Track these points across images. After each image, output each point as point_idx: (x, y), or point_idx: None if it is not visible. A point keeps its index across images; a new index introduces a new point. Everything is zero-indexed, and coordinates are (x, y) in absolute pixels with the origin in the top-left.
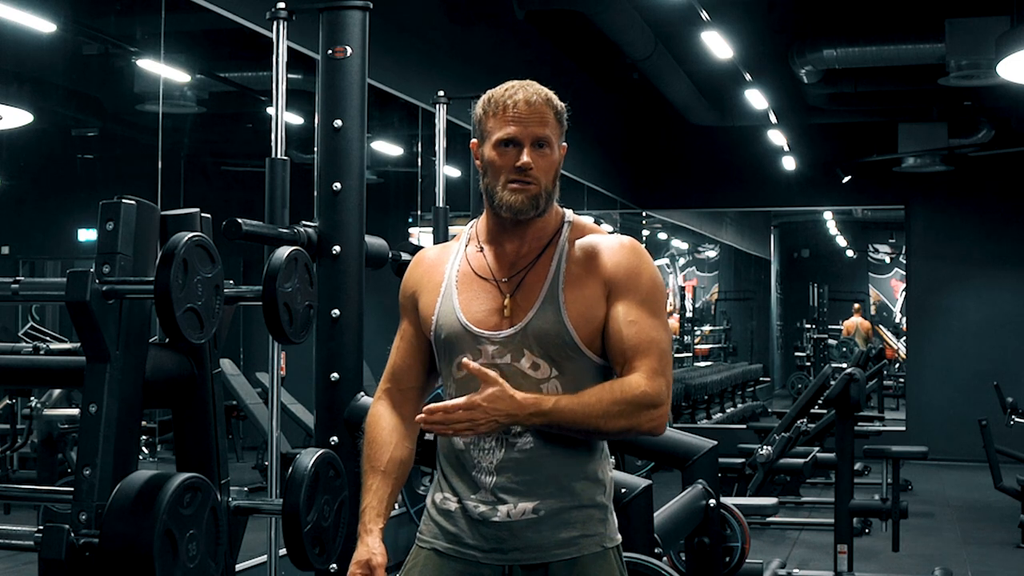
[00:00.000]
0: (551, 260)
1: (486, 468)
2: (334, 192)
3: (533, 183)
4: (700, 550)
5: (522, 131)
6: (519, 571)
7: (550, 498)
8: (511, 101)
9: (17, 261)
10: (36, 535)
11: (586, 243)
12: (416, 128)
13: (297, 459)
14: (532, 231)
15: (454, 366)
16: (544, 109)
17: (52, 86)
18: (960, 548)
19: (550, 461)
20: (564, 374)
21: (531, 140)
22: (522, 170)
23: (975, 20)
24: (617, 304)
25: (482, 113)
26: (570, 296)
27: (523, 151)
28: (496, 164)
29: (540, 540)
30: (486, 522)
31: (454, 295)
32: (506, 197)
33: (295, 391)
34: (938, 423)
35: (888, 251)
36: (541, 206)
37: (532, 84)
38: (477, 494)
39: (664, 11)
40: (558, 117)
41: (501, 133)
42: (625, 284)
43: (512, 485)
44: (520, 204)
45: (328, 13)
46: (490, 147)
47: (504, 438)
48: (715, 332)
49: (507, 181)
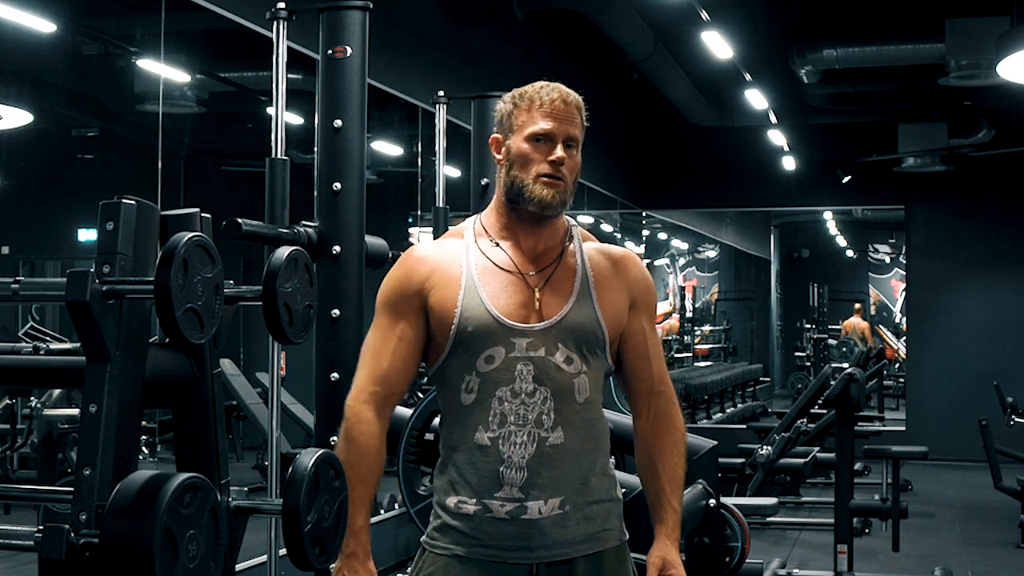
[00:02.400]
0: (575, 259)
1: (517, 463)
2: (334, 192)
3: (562, 180)
4: (700, 550)
5: (557, 127)
6: (543, 569)
7: (574, 493)
8: (548, 97)
9: (17, 261)
10: (36, 535)
11: (601, 249)
12: (416, 128)
13: (297, 459)
14: (547, 230)
15: (481, 358)
16: (575, 111)
17: (52, 86)
18: (960, 548)
19: (573, 456)
20: (591, 369)
21: (564, 137)
22: (556, 164)
23: (975, 20)
24: (640, 322)
25: (512, 107)
26: (601, 297)
27: (557, 146)
28: (528, 156)
29: (566, 536)
30: (514, 521)
31: (479, 287)
32: (537, 191)
33: (295, 391)
34: (938, 423)
35: (888, 251)
36: (565, 205)
37: (561, 86)
38: (501, 491)
39: (664, 11)
40: (583, 124)
41: (535, 127)
42: (644, 301)
43: (542, 481)
44: (550, 199)
45: (328, 13)
46: (521, 139)
47: (536, 432)
48: (715, 332)
49: (538, 175)
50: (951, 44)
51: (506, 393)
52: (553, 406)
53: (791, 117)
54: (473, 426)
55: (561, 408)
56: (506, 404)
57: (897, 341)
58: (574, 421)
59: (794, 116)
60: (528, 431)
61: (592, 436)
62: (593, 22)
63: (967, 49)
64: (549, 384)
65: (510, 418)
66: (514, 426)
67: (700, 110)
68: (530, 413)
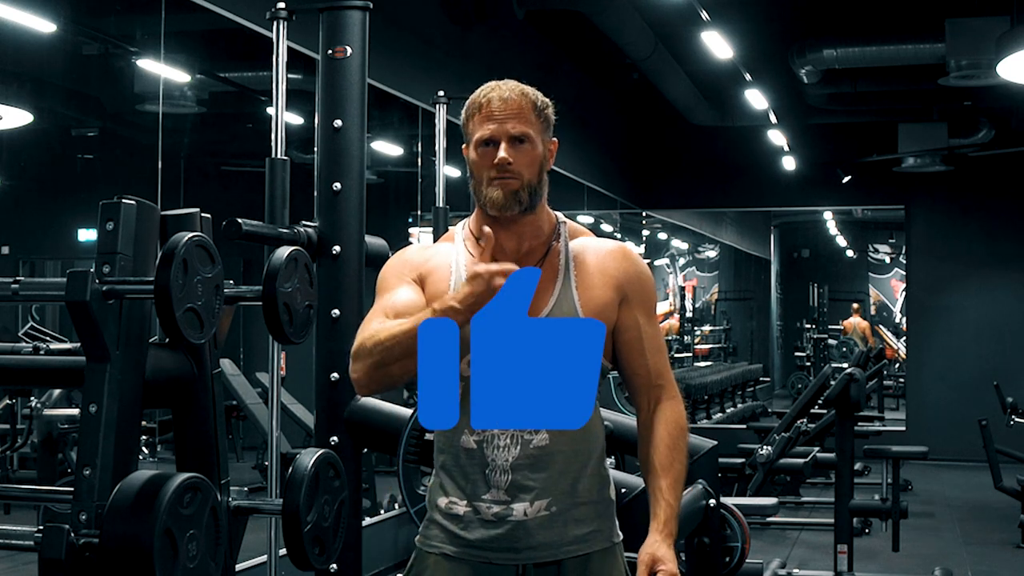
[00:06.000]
0: (558, 259)
1: (501, 466)
2: (334, 192)
3: (513, 178)
4: (700, 550)
5: (498, 128)
6: (532, 570)
7: (563, 495)
8: (485, 100)
9: (17, 261)
10: (36, 535)
11: (589, 245)
12: (416, 128)
13: (297, 459)
14: (529, 229)
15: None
16: (521, 104)
17: (52, 86)
18: (960, 548)
19: (562, 458)
20: None
21: (507, 137)
22: (500, 167)
23: (975, 20)
24: (633, 315)
25: (465, 117)
26: (584, 296)
27: (500, 147)
28: (478, 164)
29: (553, 537)
30: (500, 522)
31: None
32: (489, 193)
33: (295, 391)
34: (938, 423)
35: (888, 251)
36: (525, 201)
37: (508, 82)
38: (488, 493)
39: (664, 11)
40: (539, 112)
41: (479, 133)
42: (637, 294)
43: (527, 483)
44: (501, 199)
45: (328, 13)
46: (472, 149)
47: (519, 435)
48: (715, 332)
49: (489, 179)
50: (951, 44)
51: None
52: None
53: (791, 117)
54: (459, 429)
55: None
56: None
57: (897, 341)
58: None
59: (794, 116)
60: (511, 434)
61: (580, 437)
62: (593, 22)
63: (967, 49)
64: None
65: None
66: (497, 429)
67: (700, 110)
68: None
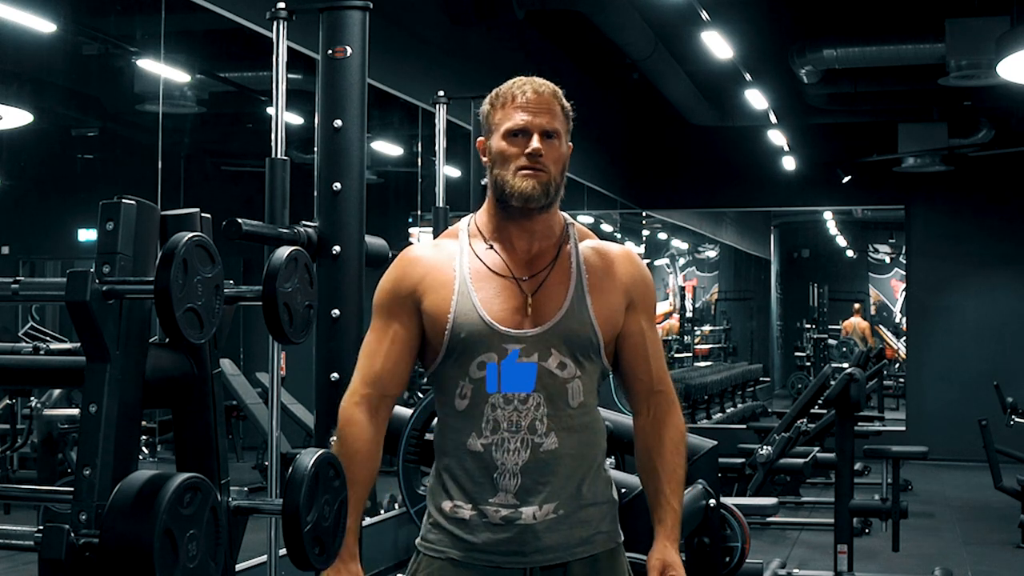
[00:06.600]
0: (570, 261)
1: (510, 470)
2: (334, 192)
3: (543, 170)
4: (700, 550)
5: (531, 120)
6: (539, 573)
7: (570, 497)
8: (519, 91)
9: (17, 261)
10: (36, 535)
11: (597, 249)
12: (416, 128)
13: (297, 459)
14: (540, 229)
15: (474, 365)
16: (552, 101)
17: (52, 86)
18: (960, 548)
19: (568, 460)
20: (585, 374)
21: (540, 130)
22: (533, 156)
23: (975, 20)
24: (638, 321)
25: (489, 108)
26: (596, 300)
27: (532, 138)
28: (506, 153)
29: (560, 540)
30: (508, 525)
31: (472, 292)
32: (517, 184)
33: (295, 391)
34: (938, 423)
35: (888, 251)
36: (551, 195)
37: (538, 78)
38: (496, 497)
39: (664, 11)
40: (565, 113)
41: (510, 123)
42: (642, 299)
43: (536, 486)
44: (531, 190)
45: (328, 13)
46: (499, 138)
47: (530, 439)
48: (715, 332)
49: (518, 168)
50: (951, 44)
51: (499, 399)
52: (547, 412)
53: (791, 117)
54: (466, 432)
55: (555, 413)
56: (499, 410)
57: (897, 341)
58: (568, 426)
59: (794, 116)
60: (521, 437)
61: (587, 440)
62: (593, 22)
63: (967, 49)
64: (542, 390)
65: (503, 424)
66: (507, 432)
67: (700, 110)
68: (523, 419)
